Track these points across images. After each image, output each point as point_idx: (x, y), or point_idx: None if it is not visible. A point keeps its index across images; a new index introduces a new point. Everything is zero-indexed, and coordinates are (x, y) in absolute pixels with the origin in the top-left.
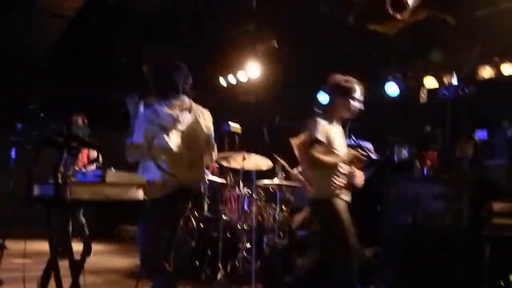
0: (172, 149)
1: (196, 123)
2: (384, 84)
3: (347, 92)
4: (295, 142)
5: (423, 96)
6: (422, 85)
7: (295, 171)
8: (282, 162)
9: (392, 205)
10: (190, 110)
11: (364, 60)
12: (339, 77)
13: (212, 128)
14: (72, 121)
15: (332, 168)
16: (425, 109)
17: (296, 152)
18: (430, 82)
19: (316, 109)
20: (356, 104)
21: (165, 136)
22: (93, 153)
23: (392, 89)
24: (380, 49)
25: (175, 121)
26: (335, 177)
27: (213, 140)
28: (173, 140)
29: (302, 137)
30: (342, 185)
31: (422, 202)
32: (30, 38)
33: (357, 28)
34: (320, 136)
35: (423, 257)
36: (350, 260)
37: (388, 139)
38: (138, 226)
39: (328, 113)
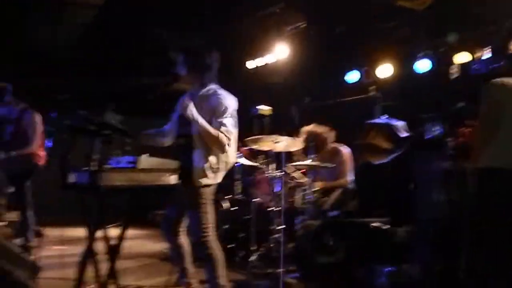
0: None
1: None
2: (415, 61)
3: None
4: None
5: (455, 71)
6: (454, 60)
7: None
8: None
9: (424, 183)
10: None
11: (394, 38)
12: None
13: None
14: None
15: None
16: (458, 85)
17: None
18: (461, 57)
19: None
20: None
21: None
22: None
23: (422, 65)
24: (410, 26)
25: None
26: None
27: None
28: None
29: None
30: None
31: (455, 179)
32: (59, 28)
33: (386, 5)
34: None
35: (457, 235)
36: None
37: (420, 116)
38: (196, 211)
39: None
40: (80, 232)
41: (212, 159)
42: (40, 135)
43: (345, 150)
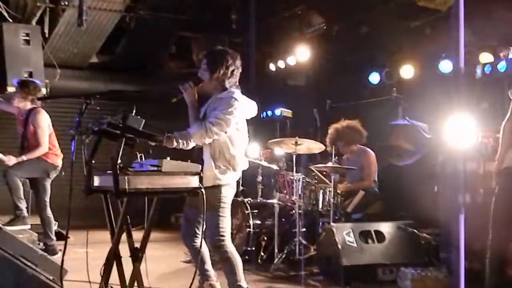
0: (247, 139)
1: None
2: (438, 61)
3: None
4: None
5: (479, 72)
6: (478, 61)
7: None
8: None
9: (448, 185)
10: None
11: (417, 38)
12: None
13: None
14: None
15: None
16: (482, 85)
17: None
18: (485, 57)
19: None
20: None
21: (243, 124)
22: None
23: (446, 66)
24: (432, 26)
25: (251, 109)
26: None
27: None
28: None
29: None
30: None
31: (479, 180)
32: (82, 34)
33: (408, 5)
34: None
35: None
36: None
37: (443, 116)
38: (212, 213)
39: None
40: (105, 235)
41: (218, 160)
42: (53, 134)
43: (371, 151)
